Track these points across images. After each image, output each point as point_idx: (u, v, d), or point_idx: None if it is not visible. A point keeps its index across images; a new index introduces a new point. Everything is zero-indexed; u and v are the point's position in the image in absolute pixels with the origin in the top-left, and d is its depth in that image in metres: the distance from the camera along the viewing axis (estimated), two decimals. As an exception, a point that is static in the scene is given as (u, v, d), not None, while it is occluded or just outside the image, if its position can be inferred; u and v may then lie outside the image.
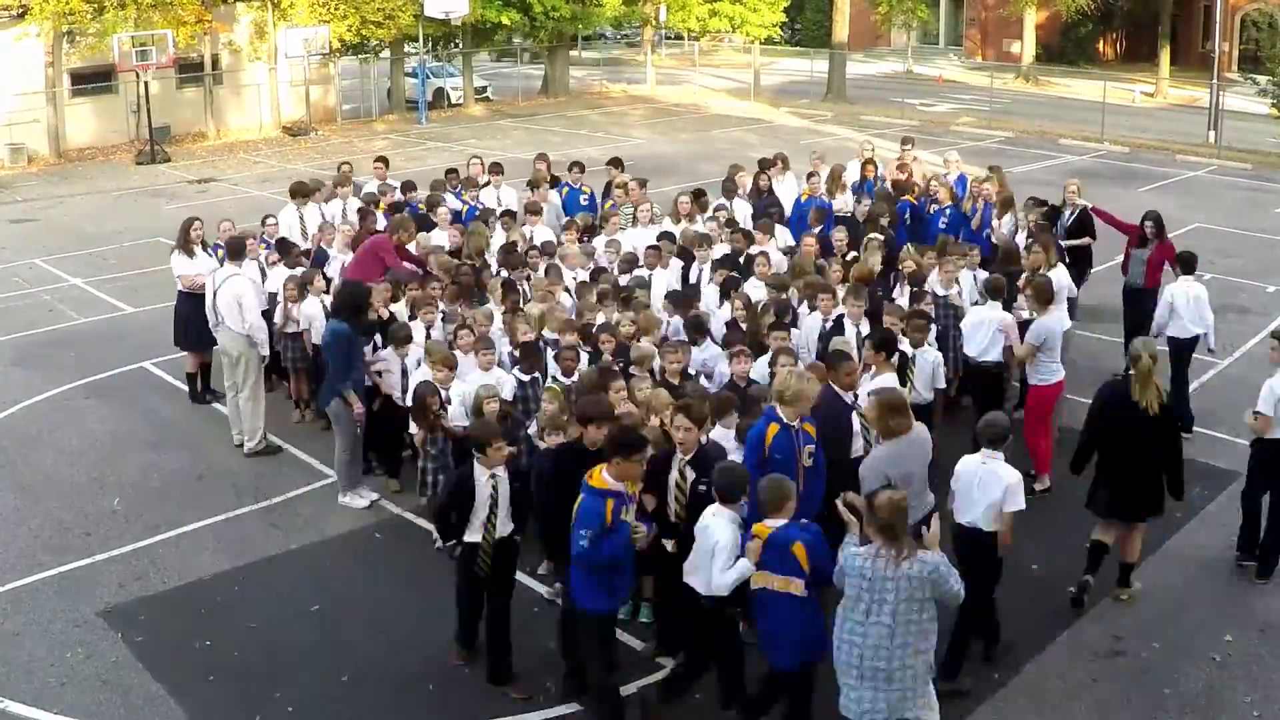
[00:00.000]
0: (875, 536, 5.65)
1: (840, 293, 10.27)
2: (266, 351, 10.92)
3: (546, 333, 9.94)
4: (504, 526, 7.18)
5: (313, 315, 10.83)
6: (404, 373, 9.79)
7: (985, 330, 10.16)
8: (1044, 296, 9.98)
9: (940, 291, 10.74)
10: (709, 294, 11.06)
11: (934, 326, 9.93)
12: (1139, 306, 12.03)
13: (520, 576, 8.56)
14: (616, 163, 15.48)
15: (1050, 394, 9.96)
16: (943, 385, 9.67)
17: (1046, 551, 8.92)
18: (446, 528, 7.28)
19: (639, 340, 9.41)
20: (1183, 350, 11.12)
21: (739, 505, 6.46)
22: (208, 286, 10.92)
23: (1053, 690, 7.27)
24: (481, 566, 7.17)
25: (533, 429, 8.64)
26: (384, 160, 15.89)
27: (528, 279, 11.33)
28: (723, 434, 8.11)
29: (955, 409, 10.90)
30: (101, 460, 10.89)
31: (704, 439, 7.50)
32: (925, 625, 5.66)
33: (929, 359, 9.46)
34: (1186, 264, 11.26)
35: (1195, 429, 11.16)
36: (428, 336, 10.11)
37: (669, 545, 7.08)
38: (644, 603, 7.69)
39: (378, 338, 10.12)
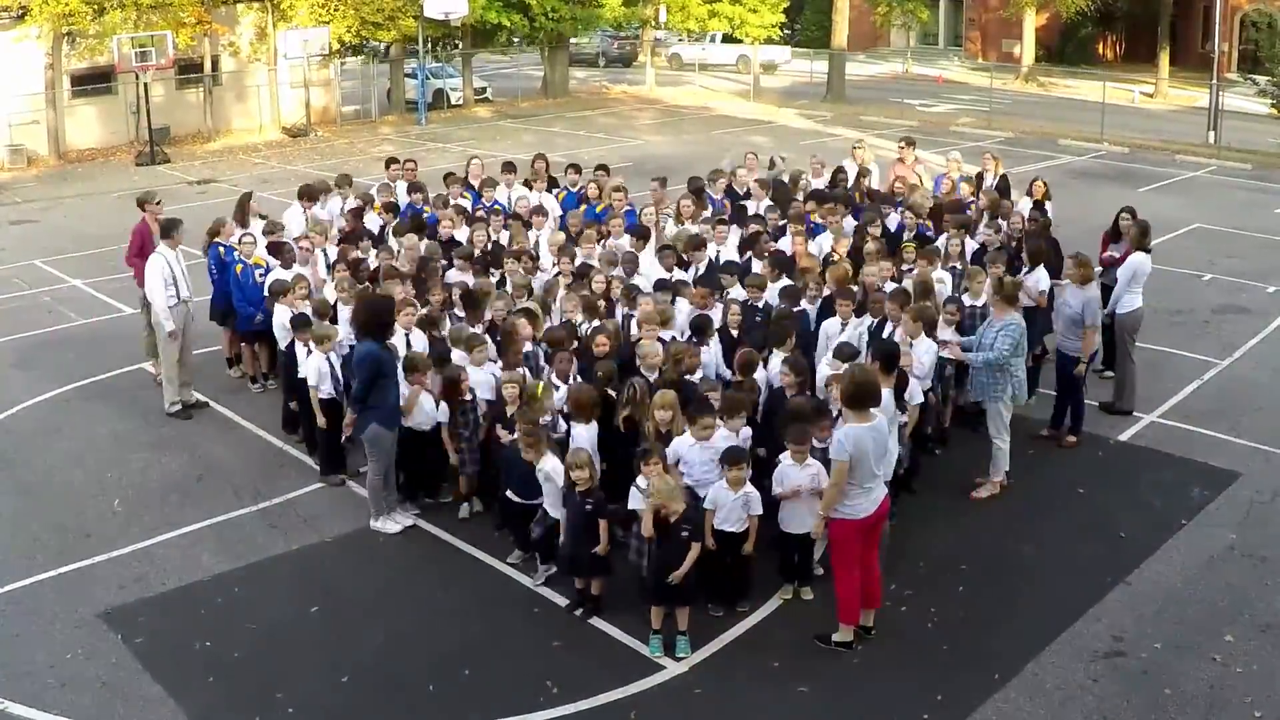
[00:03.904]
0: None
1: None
2: (171, 327, 11.56)
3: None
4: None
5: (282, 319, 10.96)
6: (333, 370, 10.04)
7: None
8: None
9: (968, 301, 10.66)
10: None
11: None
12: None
13: (515, 575, 8.64)
14: (576, 169, 15.43)
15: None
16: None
17: (1047, 547, 8.96)
18: None
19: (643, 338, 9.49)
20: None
21: None
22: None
23: (1053, 690, 7.26)
24: None
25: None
26: (395, 160, 15.91)
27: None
28: (727, 435, 8.15)
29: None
30: (101, 461, 10.89)
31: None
32: None
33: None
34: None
35: (1194, 429, 11.19)
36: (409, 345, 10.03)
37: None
38: (679, 635, 7.70)
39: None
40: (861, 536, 7.50)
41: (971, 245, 12.14)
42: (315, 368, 9.96)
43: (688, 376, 9.07)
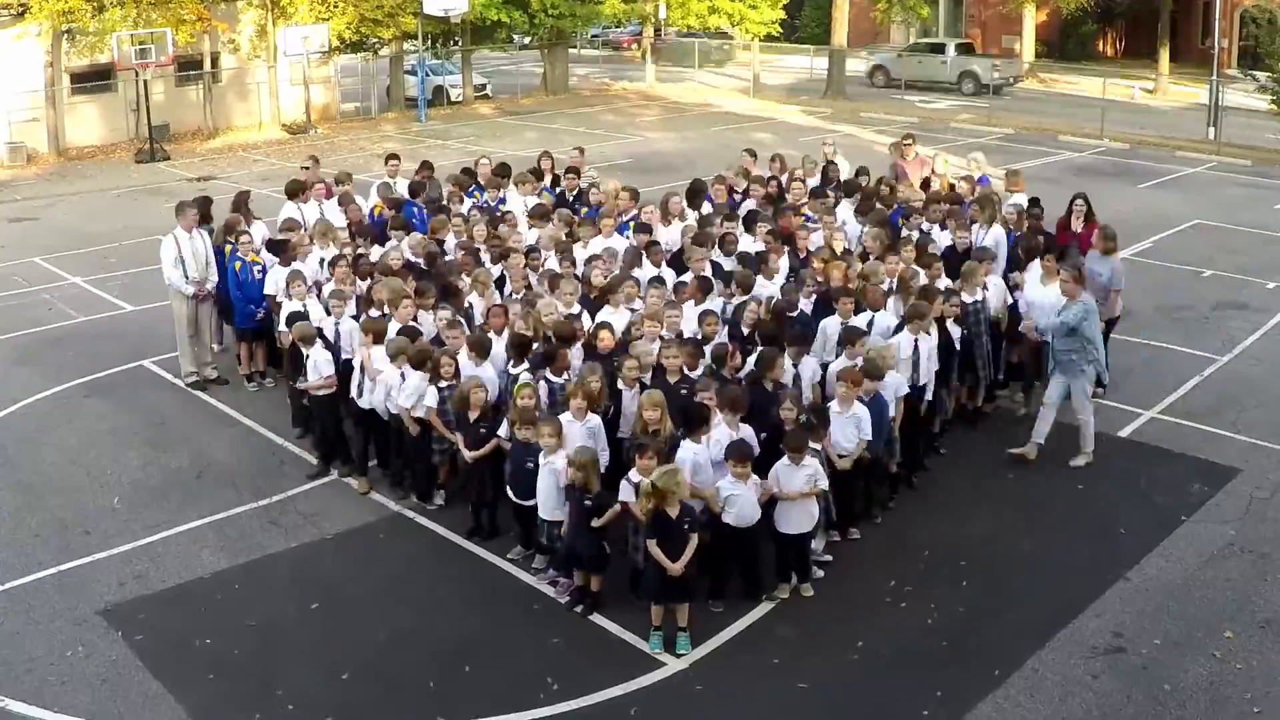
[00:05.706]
0: None
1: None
2: (189, 291, 12.14)
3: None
4: None
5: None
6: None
7: None
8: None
9: (966, 298, 10.63)
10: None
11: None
12: None
13: (515, 571, 8.64)
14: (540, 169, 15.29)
15: None
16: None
17: (1045, 547, 8.96)
18: None
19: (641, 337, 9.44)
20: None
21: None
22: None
23: (1053, 687, 7.26)
24: None
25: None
26: (394, 156, 15.89)
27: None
28: (725, 432, 8.15)
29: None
30: (101, 458, 10.88)
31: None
32: None
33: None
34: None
35: (1194, 425, 11.19)
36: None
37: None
38: (680, 632, 7.70)
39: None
40: None
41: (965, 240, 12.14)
42: (310, 365, 10.07)
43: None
